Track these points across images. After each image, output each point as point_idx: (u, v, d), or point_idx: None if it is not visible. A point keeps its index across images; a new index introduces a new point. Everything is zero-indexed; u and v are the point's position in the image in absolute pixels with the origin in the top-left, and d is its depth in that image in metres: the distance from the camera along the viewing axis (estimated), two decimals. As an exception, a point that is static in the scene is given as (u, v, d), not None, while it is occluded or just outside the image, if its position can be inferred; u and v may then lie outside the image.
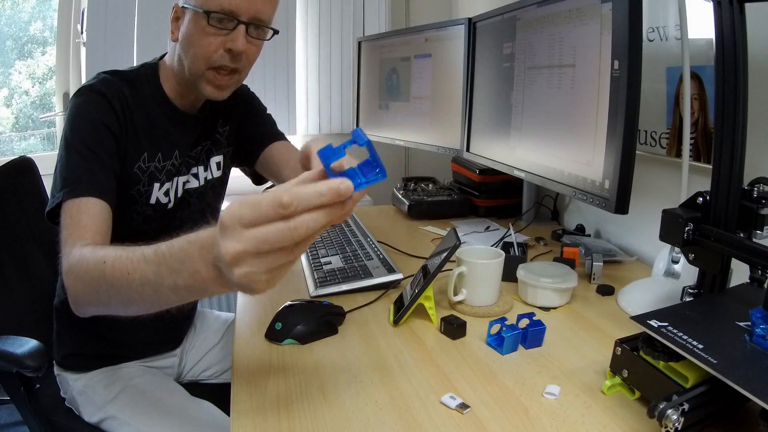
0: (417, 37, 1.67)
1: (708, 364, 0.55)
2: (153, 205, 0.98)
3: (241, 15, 0.87)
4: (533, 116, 1.16)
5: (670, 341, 0.59)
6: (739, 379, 0.52)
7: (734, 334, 0.61)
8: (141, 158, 0.94)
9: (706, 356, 0.56)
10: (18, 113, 2.55)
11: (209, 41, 0.88)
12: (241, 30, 0.88)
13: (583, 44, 0.97)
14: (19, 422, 1.74)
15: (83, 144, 0.86)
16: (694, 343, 0.58)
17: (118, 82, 0.93)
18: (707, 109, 1.01)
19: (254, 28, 0.90)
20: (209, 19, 0.86)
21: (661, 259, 1.00)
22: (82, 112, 0.89)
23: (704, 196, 0.74)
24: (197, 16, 0.87)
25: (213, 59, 0.89)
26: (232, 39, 0.88)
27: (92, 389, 1.04)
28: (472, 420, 0.64)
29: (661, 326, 0.62)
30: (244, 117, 1.15)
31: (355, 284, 1.02)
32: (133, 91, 0.93)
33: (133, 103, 0.93)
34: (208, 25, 0.87)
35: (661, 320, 0.63)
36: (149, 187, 0.97)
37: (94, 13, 2.14)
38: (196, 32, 0.88)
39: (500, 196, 1.59)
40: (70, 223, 0.80)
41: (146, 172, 0.96)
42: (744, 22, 0.68)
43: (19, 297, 1.18)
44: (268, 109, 1.24)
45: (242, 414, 0.66)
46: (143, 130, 0.94)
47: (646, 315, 0.65)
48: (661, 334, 0.61)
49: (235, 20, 0.87)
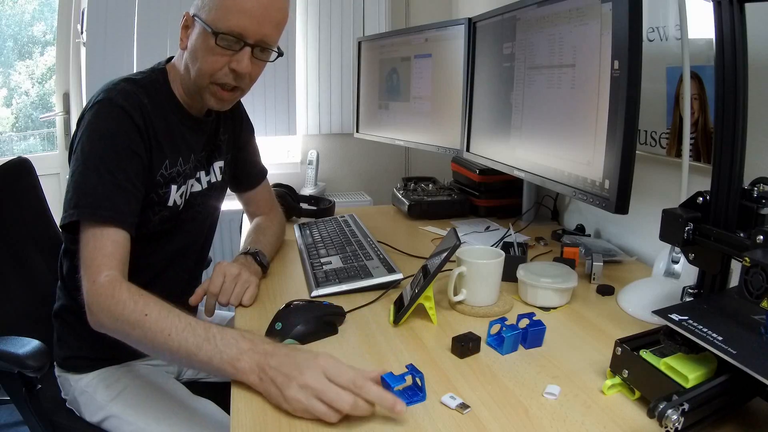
0: (417, 37, 1.67)
1: (729, 354, 0.56)
2: (170, 207, 1.01)
3: (248, 38, 0.90)
4: (533, 116, 1.16)
5: (692, 334, 0.61)
6: (759, 368, 0.53)
7: (749, 328, 0.62)
8: (163, 165, 0.98)
9: (726, 347, 0.57)
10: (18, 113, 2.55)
11: (215, 59, 0.91)
12: (246, 52, 0.91)
13: (583, 44, 0.97)
14: (20, 422, 1.74)
15: (103, 164, 0.88)
16: (714, 335, 0.60)
17: (137, 90, 0.94)
18: (707, 109, 1.01)
19: (260, 50, 0.94)
20: (217, 40, 0.89)
21: (661, 259, 1.00)
22: (103, 129, 0.89)
23: (704, 196, 0.74)
24: (206, 34, 0.90)
25: (217, 76, 0.93)
26: (237, 60, 0.91)
27: (94, 389, 1.04)
28: (472, 420, 0.64)
29: (682, 320, 0.64)
30: (239, 128, 1.21)
31: (355, 284, 1.02)
32: (149, 99, 0.95)
33: (152, 112, 0.94)
34: (216, 45, 0.90)
35: (680, 314, 0.65)
36: (168, 189, 1.00)
37: (94, 13, 2.14)
38: (203, 48, 0.91)
39: (500, 196, 1.59)
40: (93, 247, 0.85)
41: (167, 177, 0.99)
42: (744, 22, 0.68)
43: (18, 298, 1.18)
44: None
45: (242, 413, 0.66)
46: (164, 137, 0.97)
47: (666, 309, 0.66)
48: (683, 327, 0.62)
49: (242, 42, 0.90)
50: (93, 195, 0.86)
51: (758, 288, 0.56)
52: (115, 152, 0.89)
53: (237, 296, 0.96)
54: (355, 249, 1.19)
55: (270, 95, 2.36)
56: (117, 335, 0.81)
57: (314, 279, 1.05)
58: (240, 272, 0.97)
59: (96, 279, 0.82)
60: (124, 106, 0.90)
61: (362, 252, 1.17)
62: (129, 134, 0.90)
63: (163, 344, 0.74)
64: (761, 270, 0.55)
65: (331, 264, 1.12)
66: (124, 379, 1.05)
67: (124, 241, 0.87)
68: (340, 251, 1.19)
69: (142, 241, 0.95)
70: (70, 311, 1.06)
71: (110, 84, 0.94)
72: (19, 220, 1.24)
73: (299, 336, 0.83)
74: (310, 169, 2.39)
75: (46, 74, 2.54)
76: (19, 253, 1.22)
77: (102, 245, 0.84)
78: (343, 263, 1.12)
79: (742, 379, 0.58)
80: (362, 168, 2.63)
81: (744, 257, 0.57)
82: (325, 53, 2.43)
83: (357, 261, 1.12)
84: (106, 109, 0.90)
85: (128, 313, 0.78)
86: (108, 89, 0.92)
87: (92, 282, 0.82)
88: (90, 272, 0.83)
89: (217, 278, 0.95)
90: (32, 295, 1.20)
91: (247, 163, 1.25)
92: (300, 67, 2.44)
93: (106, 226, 0.85)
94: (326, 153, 2.57)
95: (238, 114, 1.20)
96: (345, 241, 1.25)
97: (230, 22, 0.88)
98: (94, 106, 0.91)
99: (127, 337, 0.79)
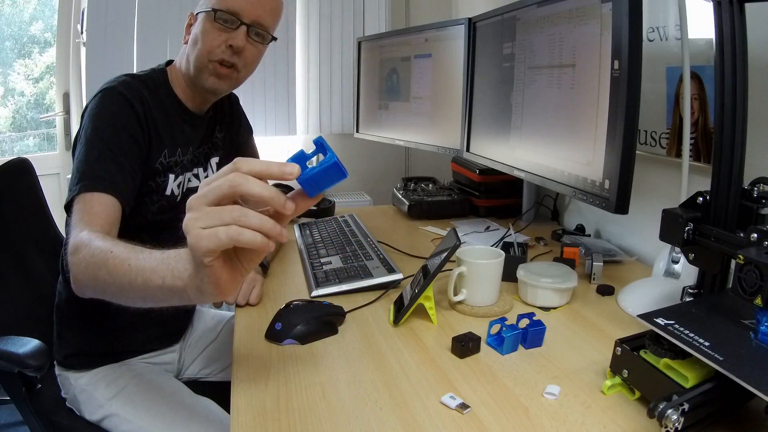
0: (417, 37, 1.67)
1: (715, 361, 0.55)
2: (168, 197, 1.04)
3: (244, 17, 0.99)
4: (533, 116, 1.16)
5: (677, 339, 0.60)
6: (746, 376, 0.52)
7: (739, 333, 0.61)
8: (162, 154, 1.02)
9: (712, 353, 0.56)
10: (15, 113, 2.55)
11: (214, 36, 0.99)
12: (242, 30, 1.00)
13: (583, 44, 0.97)
14: (20, 422, 1.74)
15: (103, 143, 0.91)
16: (701, 341, 0.59)
17: (137, 83, 1.00)
18: (707, 109, 1.01)
19: (255, 33, 1.02)
20: (216, 17, 0.98)
21: (661, 259, 1.01)
22: (104, 113, 0.94)
23: (704, 196, 0.74)
24: (206, 16, 0.99)
25: (215, 53, 1.00)
26: (233, 36, 0.99)
27: (94, 387, 1.04)
28: (472, 420, 0.64)
29: (667, 324, 0.63)
30: (236, 127, 1.24)
31: (355, 284, 1.02)
32: (149, 92, 1.01)
33: (152, 104, 1.00)
34: (215, 22, 0.98)
35: (667, 318, 0.64)
36: (165, 177, 1.03)
37: (94, 13, 2.14)
38: (203, 30, 1.00)
39: (500, 196, 1.59)
40: (82, 209, 0.84)
41: (166, 166, 1.03)
42: (744, 22, 0.68)
43: (18, 297, 1.18)
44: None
45: (242, 413, 0.66)
46: (163, 128, 1.02)
47: (652, 313, 0.65)
48: (668, 332, 0.61)
49: (238, 21, 0.99)
50: (92, 169, 0.88)
51: (752, 285, 0.56)
52: (115, 133, 0.92)
53: (244, 295, 0.97)
54: (355, 249, 1.19)
55: (270, 95, 2.36)
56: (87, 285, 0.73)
57: (314, 279, 1.05)
58: None
59: (78, 234, 0.77)
60: (125, 94, 0.95)
61: (362, 252, 1.17)
62: (129, 119, 0.95)
63: (123, 276, 0.65)
64: (755, 267, 0.55)
65: (331, 264, 1.12)
66: (124, 378, 1.05)
67: (114, 206, 0.86)
68: (340, 251, 1.19)
69: (141, 233, 0.95)
70: (71, 306, 1.07)
71: (112, 79, 0.99)
72: (19, 220, 1.24)
73: (299, 336, 0.83)
74: (310, 169, 2.39)
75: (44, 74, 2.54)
76: (19, 253, 1.22)
77: (89, 207, 0.84)
78: (343, 263, 1.12)
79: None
80: (362, 168, 2.63)
81: (738, 255, 0.57)
82: (325, 53, 2.43)
83: (357, 261, 1.12)
84: (107, 96, 0.95)
85: (96, 253, 0.71)
86: (109, 82, 0.98)
87: (71, 240, 0.77)
88: (74, 231, 0.78)
89: None
90: (32, 295, 1.20)
91: None
92: (300, 67, 2.43)
93: (97, 192, 0.86)
94: (326, 153, 2.57)
95: (237, 113, 1.23)
96: (345, 241, 1.25)
97: (228, 2, 0.98)
98: (96, 96, 0.96)
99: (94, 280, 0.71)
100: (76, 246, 0.75)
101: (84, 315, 1.05)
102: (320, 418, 0.65)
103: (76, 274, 0.74)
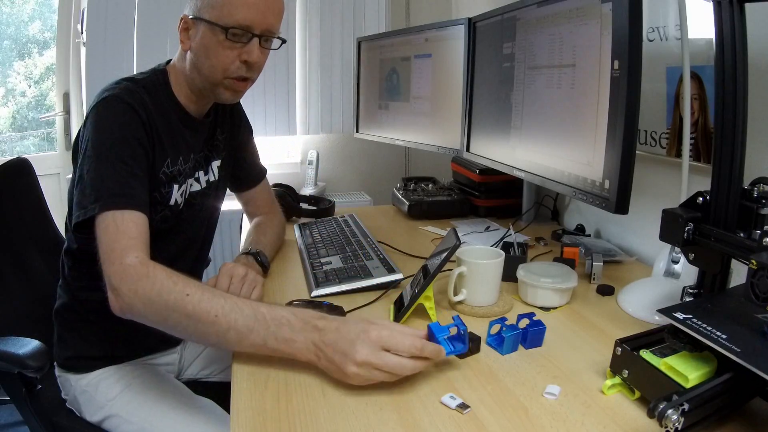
0: (417, 37, 1.67)
1: (732, 352, 0.56)
2: (171, 206, 1.02)
3: (256, 29, 0.94)
4: (533, 116, 1.16)
5: (697, 332, 0.61)
6: (763, 366, 0.53)
7: (754, 326, 0.62)
8: (165, 163, 0.98)
9: (730, 345, 0.57)
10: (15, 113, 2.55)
11: (227, 54, 0.94)
12: (255, 42, 0.95)
13: (583, 44, 0.97)
14: (20, 422, 1.74)
15: (116, 156, 0.88)
16: (718, 334, 0.60)
17: (138, 89, 0.95)
18: (707, 109, 1.01)
19: (265, 39, 0.97)
20: (227, 35, 0.92)
21: (661, 259, 1.00)
22: (111, 123, 0.90)
23: (704, 196, 0.74)
24: (214, 30, 0.92)
25: (230, 70, 0.96)
26: (247, 51, 0.95)
27: (94, 388, 1.04)
28: (472, 420, 0.64)
29: (686, 318, 0.64)
30: (236, 128, 1.22)
31: (355, 284, 1.02)
32: (150, 97, 0.97)
33: (153, 110, 0.96)
34: (226, 39, 0.92)
35: (684, 313, 0.65)
36: (170, 188, 1.00)
37: (94, 13, 2.14)
38: (213, 45, 0.94)
39: (500, 196, 1.59)
40: (116, 231, 0.82)
41: (169, 176, 1.00)
42: (744, 22, 0.68)
43: (17, 298, 1.18)
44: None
45: (242, 413, 0.66)
46: (165, 135, 0.98)
47: (671, 308, 0.66)
48: (687, 325, 0.62)
49: (250, 33, 0.94)
50: (111, 185, 0.85)
51: (765, 291, 0.56)
52: (125, 143, 0.89)
53: (245, 295, 0.95)
54: (355, 249, 1.19)
55: (270, 95, 2.36)
56: (148, 319, 0.78)
57: (314, 279, 1.05)
58: (247, 273, 0.97)
59: (123, 260, 0.79)
60: (128, 102, 0.92)
61: (362, 252, 1.17)
62: (135, 127, 0.92)
63: (209, 326, 0.73)
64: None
65: (331, 264, 1.12)
66: (125, 379, 1.05)
67: (145, 225, 0.86)
68: (340, 251, 1.19)
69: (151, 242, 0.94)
70: (71, 310, 1.06)
71: (111, 84, 0.95)
72: (19, 220, 1.24)
73: (299, 336, 0.83)
74: (310, 169, 2.39)
75: (44, 74, 2.54)
76: (19, 253, 1.22)
77: (126, 228, 0.82)
78: (343, 263, 1.12)
79: (743, 379, 0.58)
80: (362, 168, 2.63)
81: (751, 260, 0.57)
82: (325, 53, 2.43)
83: (357, 261, 1.12)
84: (111, 104, 0.91)
85: (166, 294, 0.75)
86: (110, 88, 0.94)
87: (119, 264, 0.79)
88: (114, 255, 0.80)
89: (224, 279, 0.95)
90: (32, 295, 1.20)
91: (246, 163, 1.26)
92: (300, 67, 2.43)
93: (127, 209, 0.84)
94: (326, 153, 2.57)
95: (237, 114, 1.21)
96: (345, 241, 1.25)
97: (237, 16, 0.91)
98: (98, 105, 0.92)
99: (164, 320, 0.76)
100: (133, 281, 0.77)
101: (84, 319, 1.05)
102: (320, 418, 0.65)
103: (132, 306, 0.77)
